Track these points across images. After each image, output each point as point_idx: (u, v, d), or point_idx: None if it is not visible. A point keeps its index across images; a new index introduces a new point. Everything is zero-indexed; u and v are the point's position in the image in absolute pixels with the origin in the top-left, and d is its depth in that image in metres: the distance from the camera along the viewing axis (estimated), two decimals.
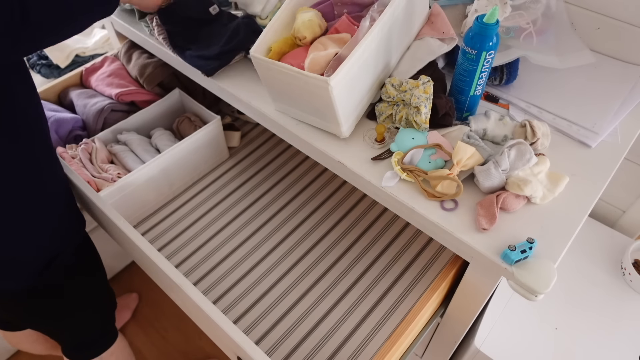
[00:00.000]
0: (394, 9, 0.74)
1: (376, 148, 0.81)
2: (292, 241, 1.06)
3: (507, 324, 0.98)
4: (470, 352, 0.98)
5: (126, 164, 1.09)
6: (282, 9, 0.81)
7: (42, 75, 1.49)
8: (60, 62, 1.45)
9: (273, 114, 0.86)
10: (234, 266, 1.02)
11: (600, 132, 0.81)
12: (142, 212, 1.10)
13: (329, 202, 1.13)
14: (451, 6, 0.95)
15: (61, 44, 1.46)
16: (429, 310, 0.88)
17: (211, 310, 0.77)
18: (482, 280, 0.76)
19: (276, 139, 1.28)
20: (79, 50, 1.47)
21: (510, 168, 0.71)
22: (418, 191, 0.75)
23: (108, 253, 1.60)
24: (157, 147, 1.14)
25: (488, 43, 0.72)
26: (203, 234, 1.08)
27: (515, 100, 0.88)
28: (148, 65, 1.17)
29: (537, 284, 0.64)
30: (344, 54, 0.73)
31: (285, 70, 0.72)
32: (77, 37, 1.54)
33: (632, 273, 1.02)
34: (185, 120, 1.18)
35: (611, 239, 1.13)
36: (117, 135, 1.14)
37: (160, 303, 1.63)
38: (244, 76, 0.94)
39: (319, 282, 0.99)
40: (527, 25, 0.89)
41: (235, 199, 1.15)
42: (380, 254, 1.02)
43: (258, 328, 0.93)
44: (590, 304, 1.02)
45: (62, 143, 1.11)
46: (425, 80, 0.76)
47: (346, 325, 0.92)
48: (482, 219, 0.69)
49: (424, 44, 0.85)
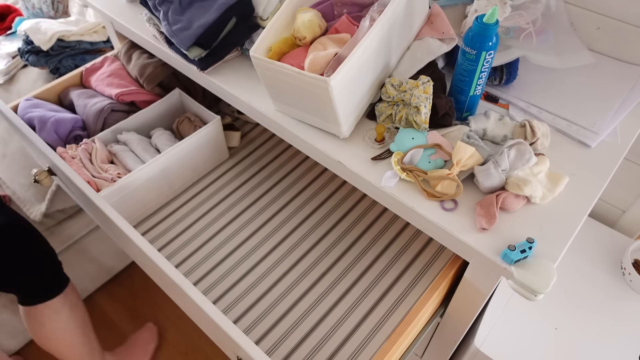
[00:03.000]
0: (394, 9, 0.75)
1: (376, 148, 0.81)
2: (292, 241, 1.06)
3: (507, 324, 0.98)
4: (470, 352, 0.98)
5: (126, 164, 1.09)
6: (282, 9, 0.81)
7: (30, 64, 1.48)
8: (42, 44, 1.43)
9: (273, 114, 0.86)
10: (234, 266, 1.02)
11: (600, 132, 0.81)
12: (142, 212, 1.10)
13: (329, 202, 1.13)
14: (451, 6, 0.95)
15: (45, 26, 1.45)
16: (429, 310, 0.88)
17: (211, 310, 0.78)
18: (482, 280, 0.76)
19: (276, 139, 1.28)
20: (62, 34, 1.46)
21: (510, 168, 0.71)
22: (418, 191, 0.75)
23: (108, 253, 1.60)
24: (157, 147, 1.14)
25: (488, 43, 0.72)
26: (203, 234, 1.08)
27: (515, 100, 0.88)
28: (148, 65, 1.17)
29: (537, 284, 0.64)
30: (344, 54, 0.73)
31: (285, 71, 0.72)
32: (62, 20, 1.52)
33: (632, 273, 1.02)
34: (185, 120, 1.18)
35: (611, 238, 1.13)
36: (117, 135, 1.14)
37: (160, 303, 1.63)
38: (243, 76, 0.94)
39: (319, 281, 0.99)
40: (527, 26, 0.89)
41: (235, 199, 1.15)
42: (380, 253, 1.02)
43: (258, 328, 0.93)
44: (590, 304, 1.02)
45: (62, 143, 1.11)
46: (425, 80, 0.76)
47: (346, 325, 0.92)
48: (482, 218, 0.69)
49: (423, 44, 0.85)
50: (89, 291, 1.63)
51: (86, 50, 1.51)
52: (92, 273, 1.60)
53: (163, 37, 1.00)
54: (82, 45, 1.50)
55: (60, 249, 1.43)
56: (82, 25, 1.50)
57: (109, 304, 1.63)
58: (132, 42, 1.23)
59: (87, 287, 1.61)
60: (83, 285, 1.59)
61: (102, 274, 1.64)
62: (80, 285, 1.58)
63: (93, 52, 1.53)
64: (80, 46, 1.50)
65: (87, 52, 1.52)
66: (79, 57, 1.50)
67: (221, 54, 0.93)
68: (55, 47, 1.46)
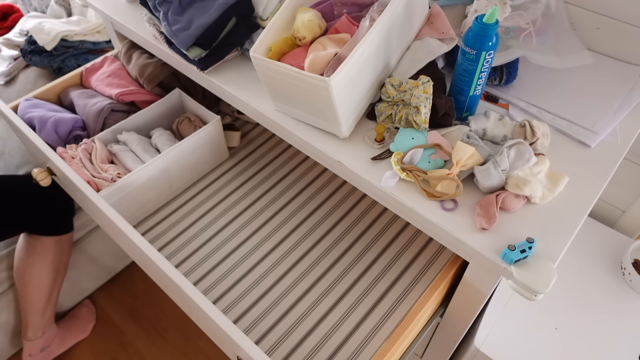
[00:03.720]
0: (394, 9, 0.75)
1: (376, 148, 0.81)
2: (292, 241, 1.06)
3: (507, 324, 0.98)
4: (470, 352, 0.98)
5: (126, 164, 1.09)
6: (282, 9, 0.81)
7: (33, 64, 1.49)
8: (45, 44, 1.44)
9: (273, 114, 0.86)
10: (233, 266, 1.02)
11: (599, 132, 0.81)
12: (142, 212, 1.10)
13: (329, 202, 1.13)
14: (451, 6, 0.95)
15: (47, 26, 1.46)
16: (428, 310, 0.88)
17: (211, 310, 0.77)
18: (482, 280, 0.76)
19: (276, 139, 1.28)
20: (65, 34, 1.46)
21: (510, 168, 0.71)
22: (418, 191, 0.75)
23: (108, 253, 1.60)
24: (157, 147, 1.14)
25: (488, 43, 0.72)
26: (203, 234, 1.08)
27: (514, 100, 0.88)
28: (148, 65, 1.17)
29: (537, 284, 0.64)
30: (344, 54, 0.73)
31: (285, 71, 0.72)
32: (64, 20, 1.53)
33: (632, 273, 1.02)
34: (185, 120, 1.18)
35: (611, 238, 1.13)
36: (117, 135, 1.14)
37: (160, 303, 1.63)
38: (243, 76, 0.94)
39: (319, 281, 0.99)
40: (527, 26, 0.89)
41: (235, 199, 1.15)
42: (380, 253, 1.02)
43: (258, 328, 0.93)
44: (590, 304, 1.02)
45: (62, 143, 1.11)
46: (425, 80, 0.76)
47: (346, 325, 0.92)
48: (482, 218, 0.69)
49: (423, 44, 0.85)
50: (89, 291, 1.62)
51: (89, 50, 1.52)
52: (92, 273, 1.60)
53: (163, 37, 1.00)
54: (85, 45, 1.51)
55: None
56: (84, 25, 1.51)
57: (109, 304, 1.63)
58: (132, 42, 1.23)
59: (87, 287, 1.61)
60: (83, 285, 1.59)
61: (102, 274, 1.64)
62: (80, 285, 1.58)
63: (96, 52, 1.53)
64: (83, 46, 1.50)
65: (90, 52, 1.52)
66: (82, 57, 1.50)
67: (221, 54, 0.93)
68: (58, 47, 1.47)
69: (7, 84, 1.54)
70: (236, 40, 0.93)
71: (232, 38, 0.92)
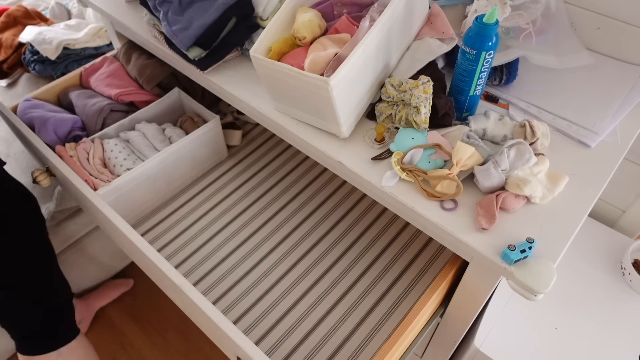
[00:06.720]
0: (394, 9, 0.74)
1: (376, 148, 0.81)
2: (292, 241, 1.06)
3: (507, 324, 0.98)
4: (470, 352, 0.98)
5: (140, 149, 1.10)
6: (282, 9, 0.81)
7: (37, 72, 1.49)
8: (49, 54, 1.44)
9: (273, 114, 0.86)
10: (233, 266, 1.02)
11: (599, 132, 0.81)
12: (140, 211, 1.10)
13: (329, 202, 1.13)
14: (451, 6, 0.95)
15: (49, 36, 1.46)
16: (428, 310, 0.88)
17: (211, 310, 0.77)
18: (482, 280, 0.76)
19: (276, 139, 1.28)
20: (67, 42, 1.47)
21: (510, 168, 0.71)
22: (418, 191, 0.75)
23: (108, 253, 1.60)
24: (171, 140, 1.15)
25: (487, 43, 0.72)
26: (203, 234, 1.08)
27: (514, 100, 0.88)
28: (147, 65, 1.17)
29: (537, 284, 0.64)
30: (344, 54, 0.73)
31: (285, 71, 0.72)
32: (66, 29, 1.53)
33: (632, 273, 1.02)
34: (187, 120, 1.18)
35: (611, 239, 1.13)
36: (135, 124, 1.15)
37: (160, 303, 1.63)
38: (243, 76, 0.94)
39: (319, 282, 0.99)
40: (527, 26, 0.89)
41: (235, 199, 1.15)
42: (380, 253, 1.02)
43: (258, 328, 0.93)
44: (590, 304, 1.02)
45: (61, 143, 1.11)
46: (425, 80, 0.76)
47: (346, 325, 0.92)
48: (482, 218, 0.69)
49: (423, 44, 0.85)
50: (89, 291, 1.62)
51: (90, 55, 1.53)
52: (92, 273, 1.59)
53: (163, 37, 0.99)
54: (87, 51, 1.52)
55: (60, 249, 1.42)
56: (85, 31, 1.51)
57: (109, 304, 1.62)
58: (131, 43, 1.23)
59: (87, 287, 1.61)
60: (83, 285, 1.59)
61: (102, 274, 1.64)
62: (81, 285, 1.57)
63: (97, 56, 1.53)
64: (85, 52, 1.51)
65: (92, 56, 1.53)
66: (84, 62, 1.50)
67: (221, 54, 0.93)
68: (60, 54, 1.48)
69: (9, 86, 1.54)
70: (236, 40, 0.93)
71: (232, 38, 0.92)
